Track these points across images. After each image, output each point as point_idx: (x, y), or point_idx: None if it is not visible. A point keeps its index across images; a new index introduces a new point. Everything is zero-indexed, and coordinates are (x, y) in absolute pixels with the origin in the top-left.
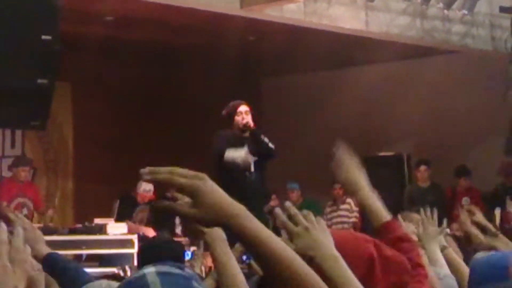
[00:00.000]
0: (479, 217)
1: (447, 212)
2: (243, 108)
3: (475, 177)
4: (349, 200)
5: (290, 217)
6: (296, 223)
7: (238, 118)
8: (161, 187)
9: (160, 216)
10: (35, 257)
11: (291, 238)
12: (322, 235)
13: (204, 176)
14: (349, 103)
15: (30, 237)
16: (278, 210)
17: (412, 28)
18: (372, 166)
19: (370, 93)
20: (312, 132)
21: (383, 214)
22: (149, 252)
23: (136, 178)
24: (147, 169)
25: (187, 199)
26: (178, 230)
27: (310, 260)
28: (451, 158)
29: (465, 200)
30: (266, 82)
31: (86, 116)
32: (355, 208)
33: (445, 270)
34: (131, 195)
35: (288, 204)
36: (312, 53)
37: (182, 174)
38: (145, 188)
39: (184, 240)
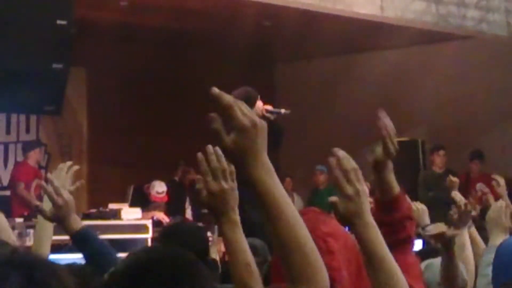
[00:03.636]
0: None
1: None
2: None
3: (490, 163)
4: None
5: (344, 171)
6: (349, 182)
7: (260, 104)
8: (176, 193)
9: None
10: (67, 230)
11: (343, 197)
12: (367, 204)
13: (258, 125)
14: (363, 88)
15: (63, 212)
16: (332, 160)
17: (427, 13)
18: None
19: (384, 79)
20: (326, 117)
21: (396, 187)
22: (169, 238)
23: (148, 164)
24: (216, 91)
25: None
26: (188, 214)
27: (352, 226)
28: (465, 143)
29: (479, 186)
30: (280, 68)
31: (100, 101)
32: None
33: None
34: (143, 191)
35: (341, 152)
36: (326, 38)
37: (242, 111)
38: (158, 190)
39: None
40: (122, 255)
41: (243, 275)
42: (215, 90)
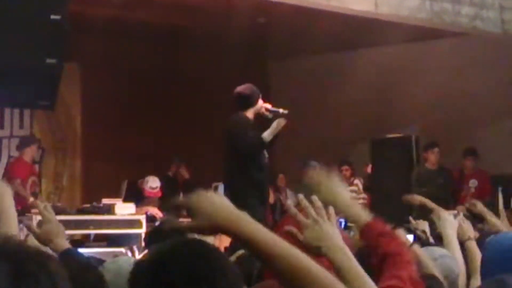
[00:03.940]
0: (480, 207)
1: (455, 194)
2: None
3: (484, 159)
4: (356, 181)
5: (301, 209)
6: (307, 215)
7: (261, 102)
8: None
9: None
10: (54, 250)
11: (301, 229)
12: (331, 228)
13: (201, 193)
14: (357, 85)
15: (53, 230)
16: (289, 203)
17: (421, 10)
18: (381, 148)
19: (379, 75)
20: (320, 114)
21: (363, 216)
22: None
23: (142, 159)
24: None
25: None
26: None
27: (318, 251)
28: (459, 140)
29: (472, 183)
30: (274, 64)
31: (94, 97)
32: (361, 190)
33: (443, 250)
34: (137, 186)
35: (300, 196)
36: (321, 35)
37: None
38: (152, 185)
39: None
40: (114, 250)
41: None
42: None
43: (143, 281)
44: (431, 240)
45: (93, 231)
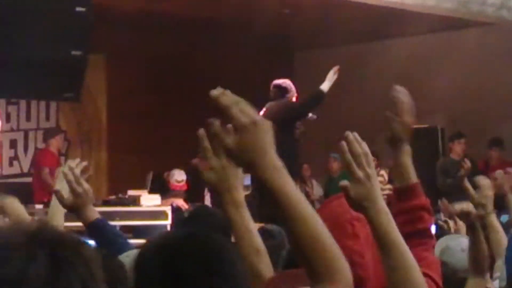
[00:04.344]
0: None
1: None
2: None
3: (509, 150)
4: (382, 172)
5: (354, 156)
6: (360, 166)
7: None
8: (194, 180)
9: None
10: (82, 219)
11: (353, 182)
12: (378, 188)
13: (260, 122)
14: (383, 75)
15: (81, 202)
16: (343, 145)
17: (447, 0)
18: None
19: (404, 66)
20: (345, 105)
21: (414, 175)
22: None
23: (168, 150)
24: (215, 92)
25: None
26: (207, 201)
27: (363, 210)
28: (485, 131)
29: (498, 173)
30: (299, 56)
31: (120, 88)
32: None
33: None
34: (163, 178)
35: (350, 136)
36: (346, 26)
37: (242, 110)
38: (177, 179)
39: None
40: (140, 241)
41: (252, 259)
42: (214, 92)
43: (151, 270)
44: (452, 230)
45: (118, 223)
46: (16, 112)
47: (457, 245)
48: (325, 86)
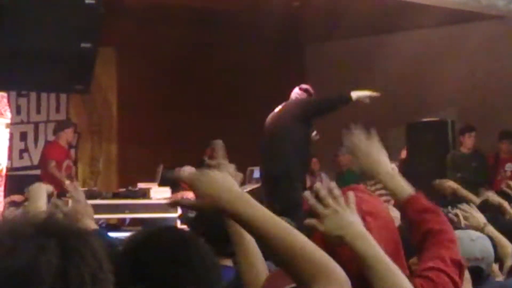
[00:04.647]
0: None
1: (490, 178)
2: None
3: None
4: (392, 165)
5: (320, 199)
6: (325, 205)
7: None
8: None
9: None
10: None
11: (321, 219)
12: (351, 216)
13: (204, 172)
14: (393, 69)
15: (81, 210)
16: (307, 194)
17: None
18: (416, 132)
19: (414, 59)
20: None
21: (406, 190)
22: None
23: (178, 143)
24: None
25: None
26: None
27: (340, 240)
28: (495, 124)
29: (508, 166)
30: (309, 48)
31: (130, 81)
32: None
33: (478, 233)
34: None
35: (317, 186)
36: (356, 18)
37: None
38: None
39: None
40: None
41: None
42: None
43: (121, 268)
44: (463, 224)
45: (128, 215)
46: (26, 105)
47: (466, 235)
48: (354, 94)
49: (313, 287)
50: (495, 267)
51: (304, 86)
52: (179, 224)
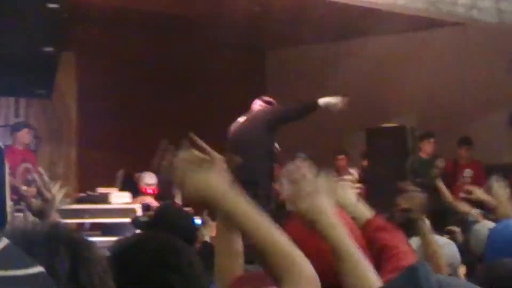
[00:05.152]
0: (479, 193)
1: (449, 184)
2: None
3: (479, 150)
4: (352, 171)
5: (295, 181)
6: (301, 188)
7: None
8: (166, 183)
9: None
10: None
11: (295, 201)
12: (326, 201)
13: (193, 169)
14: (354, 75)
15: (50, 208)
16: (282, 178)
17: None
18: (376, 137)
19: (375, 65)
20: None
21: (366, 214)
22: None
23: (138, 148)
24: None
25: None
26: (179, 200)
27: (313, 225)
28: (454, 130)
29: (467, 172)
30: (271, 53)
31: (89, 86)
32: (357, 179)
33: (445, 239)
34: (133, 179)
35: (291, 168)
36: (318, 24)
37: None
38: (147, 182)
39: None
40: (109, 239)
41: (226, 259)
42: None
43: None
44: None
45: (88, 220)
46: None
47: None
48: (322, 101)
49: (284, 283)
50: (462, 271)
51: (266, 98)
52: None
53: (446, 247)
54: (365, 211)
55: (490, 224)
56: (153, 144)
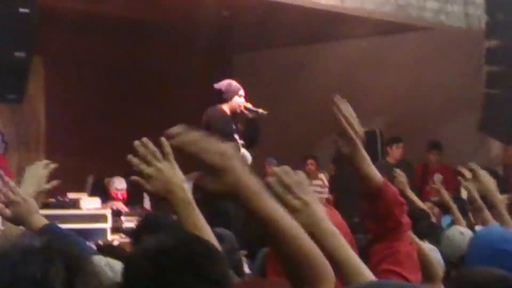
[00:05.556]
0: (445, 197)
1: (418, 188)
2: (243, 93)
3: (448, 153)
4: (321, 175)
5: (286, 187)
6: (294, 196)
7: (239, 101)
8: (134, 187)
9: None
10: (31, 229)
11: (290, 212)
12: (320, 210)
13: (228, 154)
14: (322, 79)
15: (23, 210)
16: (272, 180)
17: (387, 3)
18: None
19: (343, 69)
20: (285, 108)
21: (378, 177)
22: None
23: (107, 153)
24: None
25: None
26: (146, 204)
27: (311, 236)
28: (423, 134)
29: (436, 177)
30: (239, 57)
31: (58, 91)
32: (327, 184)
33: (430, 245)
34: (103, 184)
35: (284, 168)
36: (286, 28)
37: (206, 150)
38: (117, 187)
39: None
40: None
41: None
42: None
43: (142, 277)
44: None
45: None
46: None
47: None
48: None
49: (319, 284)
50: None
51: (215, 84)
52: (109, 235)
53: (430, 252)
54: (376, 173)
55: (463, 229)
56: (122, 149)
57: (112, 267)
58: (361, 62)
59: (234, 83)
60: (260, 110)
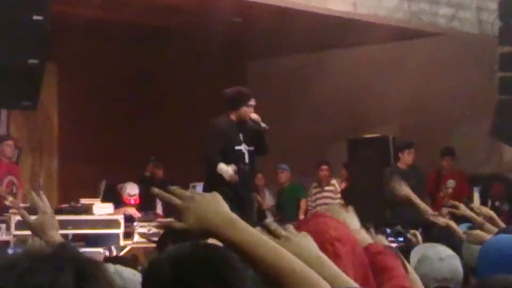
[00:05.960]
0: (463, 210)
1: (431, 194)
2: (254, 102)
3: (461, 159)
4: (333, 181)
5: (271, 232)
6: (277, 236)
7: (248, 110)
8: (146, 189)
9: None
10: (47, 242)
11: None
12: (304, 240)
13: (195, 197)
14: (336, 85)
15: (47, 222)
16: (259, 226)
17: (400, 10)
18: (358, 148)
19: (357, 75)
20: (298, 114)
21: (367, 240)
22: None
23: (119, 158)
24: (156, 190)
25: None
26: (159, 209)
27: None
28: (436, 140)
29: (450, 183)
30: (252, 64)
31: (71, 97)
32: (339, 190)
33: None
34: (116, 190)
35: (268, 221)
36: (299, 35)
37: (180, 196)
38: (130, 193)
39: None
40: (93, 250)
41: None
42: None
43: (162, 281)
44: (420, 241)
45: (71, 231)
46: None
47: (435, 253)
48: (220, 167)
49: None
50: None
51: (224, 91)
52: (122, 240)
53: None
54: (367, 237)
55: (444, 253)
56: (135, 154)
57: (121, 275)
58: (373, 68)
59: (245, 91)
60: (263, 124)
